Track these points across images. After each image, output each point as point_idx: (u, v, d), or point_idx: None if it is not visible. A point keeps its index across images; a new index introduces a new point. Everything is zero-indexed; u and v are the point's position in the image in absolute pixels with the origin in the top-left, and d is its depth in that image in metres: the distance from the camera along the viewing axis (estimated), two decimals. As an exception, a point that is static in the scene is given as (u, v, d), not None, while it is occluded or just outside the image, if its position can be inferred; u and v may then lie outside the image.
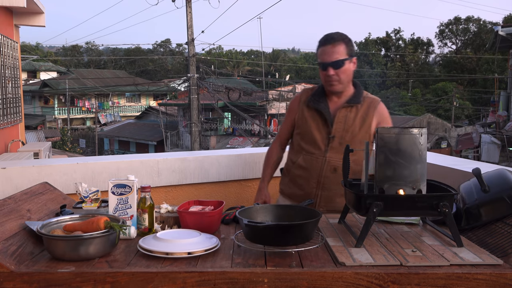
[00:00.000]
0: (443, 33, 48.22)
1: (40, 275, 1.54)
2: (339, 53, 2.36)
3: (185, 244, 1.69)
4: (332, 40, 2.38)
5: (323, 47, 2.40)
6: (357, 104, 2.46)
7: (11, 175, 2.70)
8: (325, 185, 2.45)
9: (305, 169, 2.48)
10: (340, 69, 2.38)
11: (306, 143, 2.49)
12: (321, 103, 2.47)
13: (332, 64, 2.36)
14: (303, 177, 2.49)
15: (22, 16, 6.57)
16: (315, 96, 2.50)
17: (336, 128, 2.43)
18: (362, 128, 2.45)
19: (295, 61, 57.79)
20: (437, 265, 1.60)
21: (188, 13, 16.94)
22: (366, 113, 2.46)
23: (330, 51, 2.36)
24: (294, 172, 2.54)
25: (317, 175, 2.45)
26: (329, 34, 2.42)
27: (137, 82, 34.08)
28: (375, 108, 2.48)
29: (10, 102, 5.95)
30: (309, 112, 2.49)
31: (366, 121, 2.46)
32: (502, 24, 28.89)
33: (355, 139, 2.43)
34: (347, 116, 2.44)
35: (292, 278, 1.54)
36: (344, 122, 2.43)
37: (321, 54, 2.40)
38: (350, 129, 2.43)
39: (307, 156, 2.48)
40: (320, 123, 2.46)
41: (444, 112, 35.46)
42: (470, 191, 2.04)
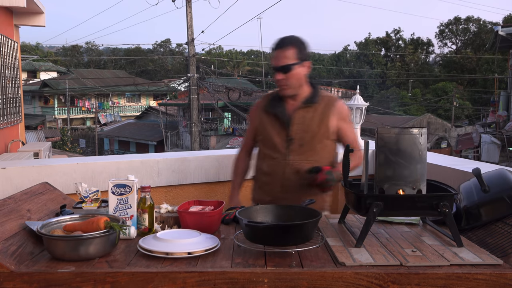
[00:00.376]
0: (443, 33, 48.22)
1: (40, 275, 1.54)
2: (288, 57, 2.34)
3: (185, 244, 1.69)
4: (282, 45, 2.37)
5: (274, 51, 2.40)
6: (314, 104, 2.44)
7: (11, 175, 2.70)
8: (289, 188, 2.43)
9: (269, 174, 2.49)
10: (289, 74, 2.36)
11: (268, 149, 2.49)
12: (278, 107, 2.47)
13: (281, 68, 2.36)
14: (268, 182, 2.50)
15: (22, 16, 6.57)
16: (272, 101, 2.50)
17: (294, 130, 2.42)
18: (321, 128, 2.43)
19: (295, 61, 57.72)
20: (437, 265, 1.60)
21: (188, 13, 16.94)
22: (323, 112, 2.45)
23: (280, 55, 2.36)
24: (260, 179, 2.56)
25: (280, 179, 2.45)
26: (281, 38, 2.41)
27: (137, 82, 34.09)
28: (332, 106, 2.47)
29: (10, 102, 5.95)
30: (268, 118, 2.49)
31: (324, 120, 2.44)
32: (502, 24, 28.89)
33: (315, 139, 2.42)
34: (305, 116, 2.43)
35: (292, 278, 1.54)
36: (302, 123, 2.42)
37: (272, 58, 2.40)
38: (308, 130, 2.42)
39: (270, 161, 2.48)
40: (278, 127, 2.45)
41: (444, 112, 35.47)
42: (470, 191, 2.04)
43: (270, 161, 2.48)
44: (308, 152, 2.41)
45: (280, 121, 2.45)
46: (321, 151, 2.45)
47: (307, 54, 2.42)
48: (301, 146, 2.41)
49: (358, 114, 3.59)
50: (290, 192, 2.43)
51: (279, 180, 2.45)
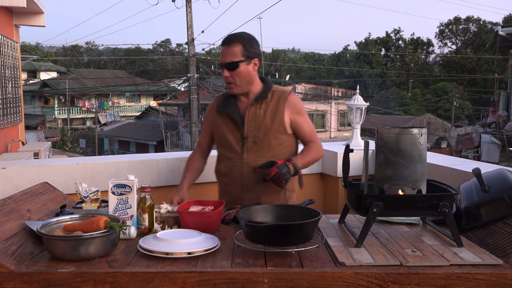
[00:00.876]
0: (443, 33, 48.22)
1: (40, 275, 1.54)
2: (233, 54, 2.31)
3: (185, 244, 1.69)
4: (228, 41, 2.33)
5: (222, 48, 2.36)
6: (265, 100, 2.39)
7: (11, 175, 2.70)
8: (249, 187, 2.39)
9: (228, 175, 2.44)
10: (234, 71, 2.32)
11: (224, 149, 2.46)
12: (229, 106, 2.43)
13: (226, 65, 2.32)
14: (228, 183, 2.46)
15: (22, 16, 6.57)
16: (225, 101, 2.46)
17: (247, 128, 2.38)
18: (274, 123, 2.38)
19: (295, 61, 57.81)
20: (437, 265, 1.60)
21: (188, 13, 16.94)
22: (276, 107, 2.40)
23: (226, 52, 2.32)
24: (221, 180, 2.53)
25: (239, 178, 2.40)
26: (230, 34, 2.37)
27: (137, 82, 34.08)
28: (285, 100, 2.41)
29: (10, 102, 5.95)
30: (221, 118, 2.45)
31: (277, 115, 2.39)
32: (502, 24, 28.89)
33: (269, 135, 2.38)
34: (256, 113, 2.38)
35: (292, 278, 1.54)
36: (254, 120, 2.37)
37: (220, 55, 2.37)
38: (261, 126, 2.37)
39: (227, 162, 2.44)
40: (232, 126, 2.41)
41: (444, 112, 35.47)
42: (470, 191, 2.04)
43: (227, 162, 2.44)
44: (264, 149, 2.36)
45: (233, 120, 2.40)
46: (278, 147, 2.39)
47: (255, 51, 2.37)
48: (256, 144, 2.36)
49: (358, 114, 3.58)
50: (251, 192, 2.39)
51: (238, 180, 2.40)
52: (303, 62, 55.34)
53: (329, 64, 50.39)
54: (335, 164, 3.38)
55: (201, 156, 2.62)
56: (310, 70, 50.50)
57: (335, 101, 29.39)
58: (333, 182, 3.45)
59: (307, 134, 2.47)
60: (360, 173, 3.28)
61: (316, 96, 29.02)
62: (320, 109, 29.14)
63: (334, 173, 3.41)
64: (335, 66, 48.87)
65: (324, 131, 29.68)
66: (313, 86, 31.53)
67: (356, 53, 50.06)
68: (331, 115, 29.40)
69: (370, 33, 71.24)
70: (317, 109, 29.00)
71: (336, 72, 48.37)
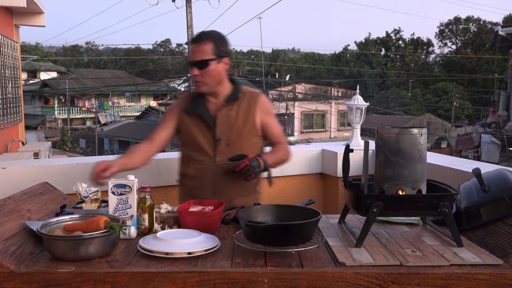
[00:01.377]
0: (443, 33, 48.23)
1: (40, 275, 1.54)
2: (204, 52, 2.26)
3: (185, 244, 1.69)
4: (199, 39, 2.28)
5: (191, 45, 2.31)
6: (236, 101, 2.36)
7: (11, 175, 2.70)
8: (221, 191, 2.34)
9: (198, 178, 2.37)
10: (204, 70, 2.27)
11: (193, 152, 2.36)
12: (199, 107, 2.36)
13: (196, 63, 2.27)
14: (197, 187, 2.37)
15: (22, 16, 6.57)
16: (193, 101, 2.38)
17: (219, 130, 2.33)
18: (246, 125, 2.35)
19: (295, 61, 57.81)
20: (437, 265, 1.60)
21: (188, 13, 16.95)
22: (247, 108, 2.37)
23: (196, 50, 2.27)
24: (188, 184, 2.42)
25: (211, 182, 2.34)
26: (200, 32, 2.32)
27: (137, 82, 34.09)
28: (256, 102, 2.39)
29: (10, 102, 5.95)
30: (190, 119, 2.37)
31: (249, 117, 2.36)
32: (502, 24, 28.89)
33: (241, 137, 2.35)
34: (228, 115, 2.34)
35: (292, 278, 1.54)
36: (226, 122, 2.33)
37: (189, 52, 2.32)
38: (234, 128, 2.34)
39: (197, 164, 2.36)
40: (203, 128, 2.35)
41: (444, 112, 35.47)
42: (470, 191, 2.04)
43: (197, 164, 2.36)
44: (236, 151, 2.29)
45: (204, 121, 2.34)
46: (250, 149, 2.35)
47: (226, 50, 2.34)
48: (228, 146, 2.32)
49: (358, 114, 3.58)
50: (222, 195, 2.33)
51: (210, 184, 2.35)
52: (303, 62, 55.33)
53: (329, 64, 50.39)
54: (335, 164, 3.38)
55: (149, 149, 2.38)
56: (310, 70, 50.50)
57: (335, 101, 29.41)
58: (333, 182, 3.46)
59: (275, 135, 2.45)
60: (360, 173, 3.28)
61: (316, 96, 29.03)
62: (320, 109, 29.15)
63: (334, 173, 3.41)
64: (335, 66, 48.88)
65: (324, 131, 29.69)
66: (313, 86, 31.53)
67: (356, 53, 50.07)
68: (331, 115, 29.42)
69: (370, 33, 71.30)
70: (317, 109, 29.02)
71: (336, 72, 48.39)
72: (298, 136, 28.28)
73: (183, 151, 2.44)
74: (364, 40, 49.97)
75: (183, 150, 2.44)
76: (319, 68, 49.75)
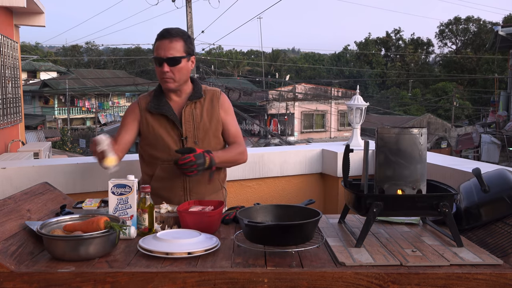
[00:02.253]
0: (443, 33, 48.24)
1: (40, 275, 1.54)
2: (175, 49, 2.25)
3: (185, 244, 1.69)
4: (169, 35, 2.26)
5: (160, 41, 2.27)
6: (199, 99, 2.36)
7: (11, 175, 2.70)
8: (192, 189, 2.35)
9: (167, 179, 2.33)
10: (175, 67, 2.26)
11: (159, 152, 2.33)
12: (162, 106, 2.33)
13: (168, 60, 2.25)
14: (166, 188, 2.34)
15: (22, 16, 6.57)
16: (155, 101, 2.35)
17: (186, 128, 2.32)
18: (212, 122, 2.37)
19: (295, 61, 57.82)
20: (437, 265, 1.60)
21: (188, 13, 16.94)
22: (211, 106, 2.38)
23: (167, 46, 2.25)
24: (154, 186, 2.31)
25: (181, 181, 2.34)
26: (168, 29, 2.30)
27: (137, 82, 34.03)
28: (218, 99, 2.40)
29: (10, 102, 5.95)
30: (154, 119, 2.34)
31: (214, 114, 2.38)
32: (502, 24, 28.89)
33: (208, 134, 2.35)
34: (193, 113, 2.34)
35: (292, 278, 1.54)
36: (192, 120, 2.33)
37: (157, 48, 2.27)
38: (200, 126, 2.34)
39: (164, 165, 2.32)
40: (168, 127, 2.33)
41: (444, 112, 35.48)
42: (470, 191, 2.04)
43: (165, 165, 2.32)
44: (204, 149, 2.25)
45: (169, 120, 2.33)
46: (217, 146, 2.37)
47: (193, 48, 2.36)
48: (196, 144, 2.31)
49: (358, 114, 3.58)
50: (193, 193, 2.34)
51: (180, 183, 2.34)
52: (303, 62, 55.34)
53: (329, 64, 50.42)
54: (335, 164, 3.38)
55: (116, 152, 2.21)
56: (310, 70, 50.51)
57: (335, 101, 29.41)
58: (333, 182, 3.46)
59: (232, 135, 2.44)
60: (360, 173, 3.28)
61: (316, 96, 29.03)
62: (320, 109, 29.15)
63: (334, 173, 3.41)
64: (335, 66, 48.90)
65: (324, 131, 29.69)
66: (313, 86, 31.53)
67: (356, 53, 50.08)
68: (331, 115, 29.41)
69: (370, 33, 71.31)
70: (317, 109, 29.01)
71: (336, 72, 48.40)
72: (298, 136, 28.28)
73: (147, 151, 2.39)
74: (364, 40, 49.98)
75: (147, 151, 2.39)
76: (319, 68, 49.77)
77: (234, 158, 2.42)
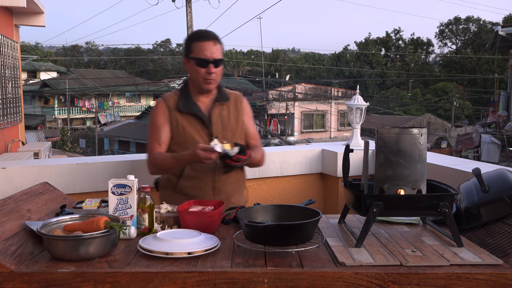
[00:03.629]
0: (443, 33, 48.24)
1: (40, 275, 1.54)
2: (219, 51, 2.32)
3: (185, 244, 1.69)
4: (212, 37, 2.31)
5: (203, 43, 2.29)
6: (226, 102, 2.43)
7: (11, 175, 2.70)
8: (221, 189, 2.38)
9: (196, 178, 2.35)
10: (218, 68, 2.33)
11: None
12: (192, 106, 2.36)
13: (215, 61, 2.30)
14: (195, 186, 2.35)
15: (22, 16, 6.57)
16: (184, 100, 2.38)
17: (215, 128, 2.36)
18: (238, 125, 2.43)
19: (295, 61, 57.82)
20: (437, 265, 1.60)
21: (188, 13, 16.94)
22: (236, 108, 2.45)
23: (213, 48, 2.29)
24: (182, 184, 2.37)
25: (211, 180, 2.36)
26: (207, 31, 2.35)
27: (137, 82, 34.08)
28: (241, 103, 2.49)
29: (10, 102, 5.95)
30: (183, 118, 2.36)
31: (239, 116, 2.45)
32: (502, 24, 28.89)
33: (235, 136, 2.40)
34: (221, 114, 2.40)
35: (292, 278, 1.54)
36: (220, 121, 2.38)
37: (201, 49, 2.29)
38: (228, 127, 2.39)
39: (195, 164, 2.29)
40: (198, 126, 2.35)
41: (444, 112, 35.49)
42: (470, 191, 2.04)
43: (194, 164, 2.30)
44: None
45: (199, 120, 2.36)
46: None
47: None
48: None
49: (358, 114, 3.58)
50: (222, 193, 2.38)
51: (210, 182, 2.36)
52: (303, 62, 55.34)
53: (329, 64, 50.42)
54: (335, 164, 3.38)
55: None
56: (310, 70, 50.51)
57: (335, 101, 29.41)
58: (333, 182, 3.46)
59: (252, 136, 2.50)
60: (360, 173, 3.28)
61: (316, 96, 29.03)
62: (320, 109, 29.15)
63: (334, 173, 3.41)
64: (335, 66, 48.91)
65: (324, 131, 29.68)
66: (313, 86, 31.53)
67: (356, 53, 50.08)
68: (331, 115, 29.41)
69: (370, 33, 71.33)
70: (317, 109, 29.01)
71: (336, 72, 48.41)
72: (298, 136, 28.28)
73: (175, 151, 2.36)
74: (364, 40, 49.97)
75: (175, 150, 2.37)
76: (319, 68, 49.77)
77: (259, 162, 2.48)
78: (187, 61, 2.38)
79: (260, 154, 2.47)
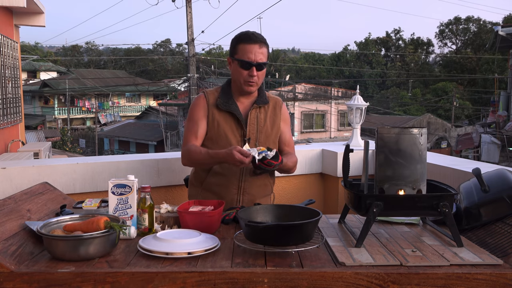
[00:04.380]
0: (443, 33, 48.22)
1: (40, 275, 1.54)
2: (263, 54, 2.31)
3: (185, 244, 1.69)
4: (258, 40, 2.30)
5: (248, 45, 2.29)
6: (265, 105, 2.43)
7: (11, 175, 2.70)
8: (246, 190, 2.39)
9: (224, 175, 2.37)
10: (260, 72, 2.32)
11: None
12: (231, 104, 2.38)
13: (258, 65, 2.30)
14: (221, 184, 2.38)
15: (22, 16, 6.57)
16: (224, 98, 2.40)
17: (249, 129, 2.37)
18: (273, 129, 2.44)
19: (295, 61, 57.79)
20: (437, 265, 1.60)
21: (188, 13, 16.94)
22: (274, 113, 2.46)
23: (258, 51, 2.30)
24: (209, 181, 2.40)
25: (237, 180, 2.37)
26: (254, 33, 2.33)
27: (137, 82, 34.08)
28: (280, 108, 2.49)
29: (10, 102, 5.95)
30: (220, 115, 2.37)
31: (275, 121, 2.45)
32: (502, 24, 28.88)
33: (268, 140, 2.41)
34: (258, 117, 2.40)
35: (292, 278, 1.54)
36: (256, 123, 2.39)
37: (246, 51, 2.29)
38: (263, 130, 2.40)
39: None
40: (233, 126, 2.37)
41: (444, 112, 35.48)
42: (470, 191, 2.04)
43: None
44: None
45: (235, 119, 2.37)
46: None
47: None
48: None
49: (358, 114, 3.58)
50: (247, 194, 2.39)
51: (236, 181, 2.38)
52: (303, 62, 55.31)
53: (329, 64, 50.38)
54: (335, 164, 3.38)
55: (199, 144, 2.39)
56: (310, 70, 50.48)
57: (335, 101, 29.39)
58: (333, 182, 3.46)
59: (286, 142, 2.50)
60: (360, 173, 3.28)
61: (316, 96, 29.02)
62: (320, 109, 29.13)
63: (334, 173, 3.41)
64: (335, 66, 48.87)
65: (324, 131, 29.67)
66: (313, 86, 31.51)
67: (356, 53, 50.06)
68: (331, 115, 29.40)
69: (370, 33, 71.35)
70: (317, 109, 29.00)
71: (336, 72, 48.38)
72: (298, 136, 28.28)
73: (207, 146, 2.38)
74: (364, 40, 49.97)
75: (207, 145, 2.38)
76: (319, 68, 49.74)
77: (290, 169, 2.45)
78: (231, 61, 2.38)
79: (292, 161, 2.44)
